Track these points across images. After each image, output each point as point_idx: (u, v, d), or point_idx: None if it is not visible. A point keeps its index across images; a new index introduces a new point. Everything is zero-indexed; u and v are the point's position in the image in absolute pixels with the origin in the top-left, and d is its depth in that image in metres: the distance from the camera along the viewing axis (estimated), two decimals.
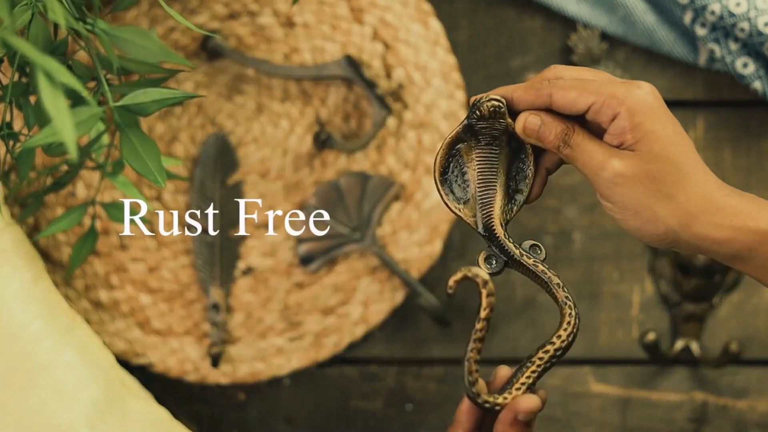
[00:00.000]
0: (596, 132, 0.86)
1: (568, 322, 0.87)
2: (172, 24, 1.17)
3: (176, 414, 1.18)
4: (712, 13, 1.12)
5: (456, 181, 0.89)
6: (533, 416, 0.87)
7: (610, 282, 1.20)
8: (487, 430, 0.89)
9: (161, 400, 1.16)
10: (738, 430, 1.21)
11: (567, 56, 1.19)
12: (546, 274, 0.88)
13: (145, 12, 1.17)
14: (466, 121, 0.87)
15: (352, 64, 1.16)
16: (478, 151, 0.88)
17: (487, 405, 0.86)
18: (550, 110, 0.86)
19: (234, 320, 1.19)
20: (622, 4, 1.17)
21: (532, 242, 0.89)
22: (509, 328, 1.20)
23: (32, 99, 0.90)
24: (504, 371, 0.89)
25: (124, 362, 1.18)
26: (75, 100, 0.86)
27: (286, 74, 1.16)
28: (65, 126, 0.71)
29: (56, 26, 0.91)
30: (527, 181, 0.88)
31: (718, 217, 0.84)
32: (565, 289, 0.89)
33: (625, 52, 1.19)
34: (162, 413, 1.13)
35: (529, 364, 0.88)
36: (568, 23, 1.19)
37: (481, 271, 0.87)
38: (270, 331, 1.19)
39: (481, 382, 0.86)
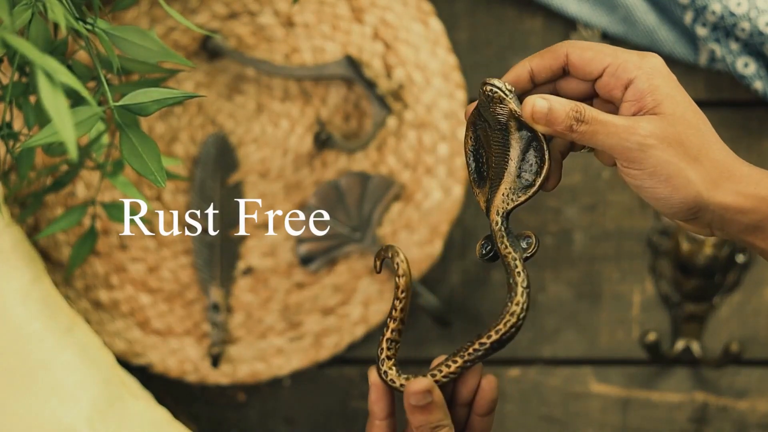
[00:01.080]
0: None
1: (506, 321, 0.84)
2: (172, 24, 1.17)
3: (176, 414, 1.18)
4: (713, 13, 1.12)
5: (480, 162, 0.88)
6: (428, 400, 0.85)
7: (611, 282, 1.20)
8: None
9: (161, 400, 1.17)
10: (738, 430, 1.21)
11: None
12: (517, 269, 0.85)
13: (145, 12, 1.17)
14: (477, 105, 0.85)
15: (353, 63, 1.16)
16: (491, 135, 0.85)
17: (391, 384, 0.86)
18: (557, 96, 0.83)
19: (234, 320, 1.19)
20: (623, 4, 1.17)
21: (527, 234, 0.86)
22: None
23: (32, 99, 0.90)
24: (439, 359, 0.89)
25: (123, 362, 1.18)
26: (75, 100, 0.86)
27: (287, 74, 1.16)
28: (65, 126, 0.71)
29: (56, 26, 0.91)
30: (538, 170, 0.85)
31: (743, 185, 0.82)
32: (525, 294, 0.84)
33: None
34: (162, 413, 1.13)
35: (462, 354, 0.86)
36: (569, 23, 1.19)
37: (396, 247, 0.86)
38: (270, 331, 1.19)
39: (389, 363, 0.87)
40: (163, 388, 1.19)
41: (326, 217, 1.18)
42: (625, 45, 1.19)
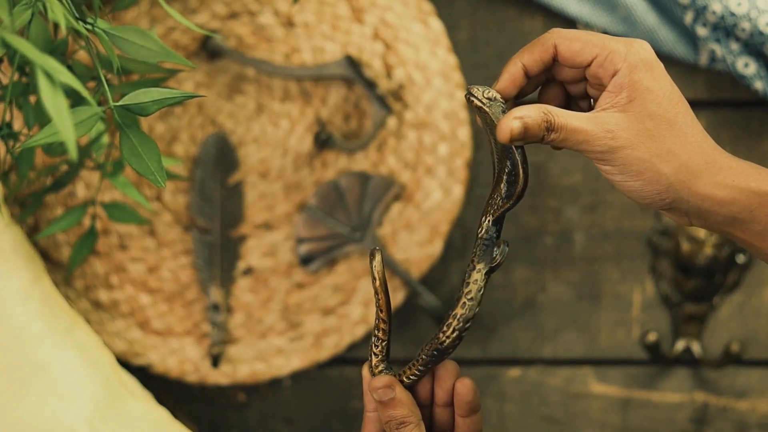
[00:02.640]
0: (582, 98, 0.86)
1: (445, 331, 0.87)
2: (172, 24, 1.17)
3: (176, 414, 1.18)
4: (713, 13, 1.12)
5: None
6: (389, 396, 0.88)
7: (611, 282, 1.20)
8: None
9: (161, 400, 1.17)
10: (739, 430, 1.21)
11: None
12: (471, 278, 0.85)
13: (145, 12, 1.17)
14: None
15: (353, 63, 1.16)
16: (491, 138, 0.86)
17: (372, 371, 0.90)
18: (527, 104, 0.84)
19: (234, 320, 1.19)
20: (623, 4, 1.17)
21: (501, 242, 0.86)
22: (509, 328, 1.20)
23: (32, 99, 0.90)
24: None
25: (123, 362, 1.19)
26: (75, 99, 0.86)
27: (287, 74, 1.17)
28: (65, 126, 0.71)
29: (56, 26, 0.91)
30: (515, 180, 0.84)
31: (721, 176, 0.83)
32: (466, 306, 0.86)
33: None
34: (162, 413, 1.13)
35: (418, 357, 0.89)
36: (569, 23, 1.19)
37: (377, 259, 0.87)
38: (270, 331, 1.20)
39: (375, 360, 0.89)
40: (163, 388, 1.19)
41: (326, 217, 1.18)
42: None
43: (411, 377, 0.89)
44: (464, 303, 0.86)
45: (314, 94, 1.19)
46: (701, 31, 1.14)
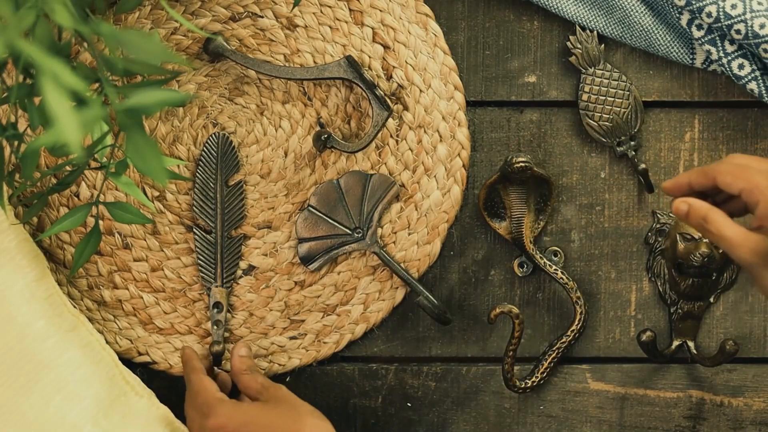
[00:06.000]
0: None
1: (579, 319, 1.18)
2: (175, 26, 1.17)
3: (178, 412, 1.18)
4: (709, 15, 1.12)
5: (495, 207, 1.18)
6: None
7: (608, 281, 1.21)
8: None
9: (163, 397, 1.17)
10: (734, 427, 1.21)
11: (565, 58, 1.19)
12: (563, 279, 1.18)
13: (148, 14, 1.17)
14: (499, 173, 1.15)
15: (353, 65, 1.16)
16: (511, 188, 1.17)
17: (518, 390, 1.19)
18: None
19: (236, 319, 1.19)
20: (620, 7, 1.17)
21: (554, 249, 1.19)
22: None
23: (36, 100, 0.90)
24: None
25: (126, 360, 1.19)
26: (79, 101, 0.86)
27: (288, 75, 1.17)
28: (69, 127, 0.72)
29: (60, 28, 0.91)
30: (548, 205, 1.18)
31: None
32: (578, 292, 1.18)
33: (623, 54, 1.20)
34: (164, 411, 1.13)
35: (550, 352, 1.19)
36: (567, 25, 1.19)
37: (514, 307, 1.15)
38: (271, 329, 1.20)
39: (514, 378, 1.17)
40: (166, 385, 1.20)
41: (326, 217, 1.18)
42: (623, 46, 1.19)
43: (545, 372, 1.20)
44: (578, 299, 1.20)
45: (315, 96, 1.19)
46: (697, 33, 1.14)
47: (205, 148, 1.18)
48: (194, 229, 1.18)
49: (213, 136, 1.18)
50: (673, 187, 1.05)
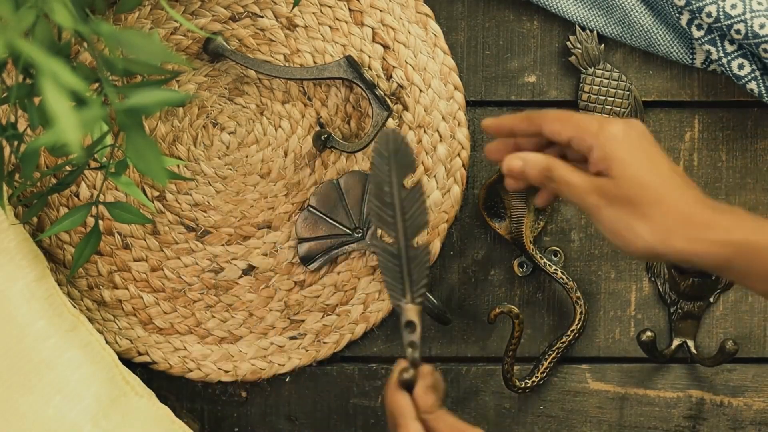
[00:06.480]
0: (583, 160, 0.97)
1: (579, 319, 1.18)
2: (175, 26, 1.18)
3: (178, 411, 1.18)
4: (709, 15, 1.12)
5: (495, 208, 1.18)
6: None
7: (608, 281, 1.21)
8: None
9: (163, 397, 1.17)
10: (734, 427, 1.22)
11: (565, 57, 1.19)
12: (563, 279, 1.17)
13: (148, 14, 1.17)
14: (499, 173, 1.12)
15: (353, 65, 1.16)
16: (512, 194, 1.15)
17: (518, 390, 1.18)
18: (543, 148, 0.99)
19: (235, 319, 1.19)
20: (620, 6, 1.17)
21: (554, 249, 1.19)
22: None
23: (36, 100, 0.91)
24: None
25: (126, 360, 1.19)
26: (78, 101, 0.86)
27: (288, 75, 1.17)
28: (69, 126, 0.72)
29: (60, 28, 0.91)
30: (544, 211, 1.17)
31: (694, 231, 0.92)
32: (578, 292, 1.17)
33: (623, 54, 1.20)
34: (164, 411, 1.13)
35: (550, 352, 1.18)
36: (566, 25, 1.19)
37: (514, 307, 1.14)
38: (271, 329, 1.20)
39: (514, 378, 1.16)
40: (166, 385, 1.20)
41: (326, 217, 1.18)
42: (622, 46, 1.19)
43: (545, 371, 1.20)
44: (578, 299, 1.21)
45: (315, 96, 1.19)
46: (697, 33, 1.14)
47: (374, 149, 1.05)
48: (373, 242, 1.07)
49: (383, 135, 1.04)
50: (493, 126, 1.01)
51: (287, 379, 1.21)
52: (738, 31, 1.11)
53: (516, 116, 0.99)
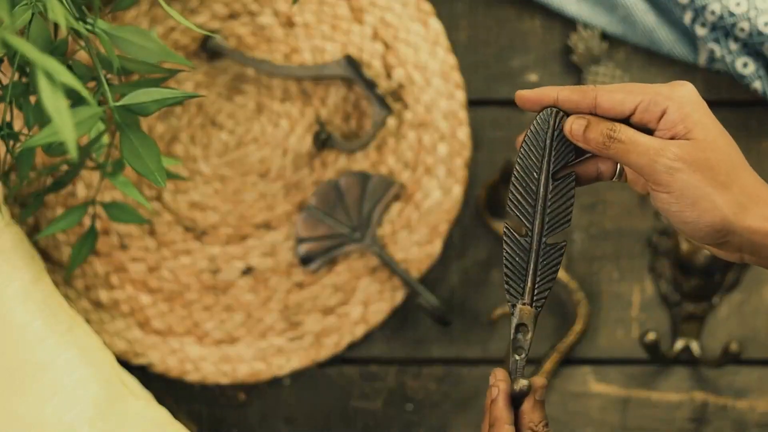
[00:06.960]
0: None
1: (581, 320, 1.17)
2: (172, 24, 1.17)
3: (176, 414, 1.18)
4: (712, 12, 1.12)
5: (497, 208, 1.16)
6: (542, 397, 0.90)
7: (610, 282, 1.21)
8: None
9: (161, 399, 1.17)
10: (738, 430, 1.21)
11: (567, 56, 1.19)
12: (565, 280, 1.16)
13: (145, 12, 1.17)
14: (501, 173, 1.11)
15: (353, 63, 1.16)
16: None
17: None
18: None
19: (234, 320, 1.19)
20: (622, 4, 1.17)
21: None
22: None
23: (32, 99, 0.90)
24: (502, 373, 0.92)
25: (124, 362, 1.19)
26: (75, 100, 0.86)
27: (287, 74, 1.17)
28: (65, 126, 0.72)
29: (56, 26, 0.91)
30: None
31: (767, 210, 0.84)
32: (580, 293, 1.15)
33: (625, 52, 1.20)
34: (162, 413, 1.13)
35: (552, 354, 1.16)
36: (568, 23, 1.19)
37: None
38: (270, 331, 1.20)
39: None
40: (164, 387, 1.20)
41: (326, 217, 1.18)
42: (625, 45, 1.19)
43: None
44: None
45: (314, 94, 1.19)
46: (700, 31, 1.14)
47: (532, 129, 0.91)
48: (505, 229, 0.93)
49: (543, 113, 0.91)
50: (533, 97, 0.89)
51: (287, 381, 1.21)
52: (742, 29, 1.11)
53: (563, 88, 0.88)
